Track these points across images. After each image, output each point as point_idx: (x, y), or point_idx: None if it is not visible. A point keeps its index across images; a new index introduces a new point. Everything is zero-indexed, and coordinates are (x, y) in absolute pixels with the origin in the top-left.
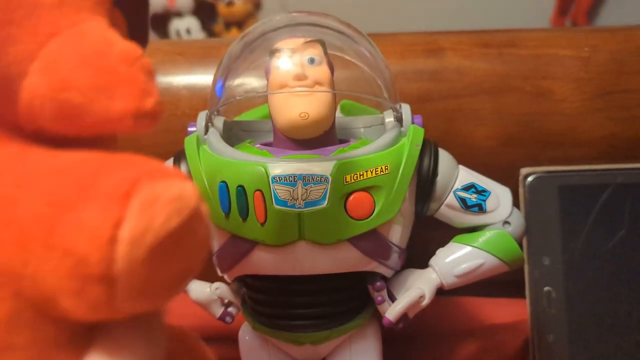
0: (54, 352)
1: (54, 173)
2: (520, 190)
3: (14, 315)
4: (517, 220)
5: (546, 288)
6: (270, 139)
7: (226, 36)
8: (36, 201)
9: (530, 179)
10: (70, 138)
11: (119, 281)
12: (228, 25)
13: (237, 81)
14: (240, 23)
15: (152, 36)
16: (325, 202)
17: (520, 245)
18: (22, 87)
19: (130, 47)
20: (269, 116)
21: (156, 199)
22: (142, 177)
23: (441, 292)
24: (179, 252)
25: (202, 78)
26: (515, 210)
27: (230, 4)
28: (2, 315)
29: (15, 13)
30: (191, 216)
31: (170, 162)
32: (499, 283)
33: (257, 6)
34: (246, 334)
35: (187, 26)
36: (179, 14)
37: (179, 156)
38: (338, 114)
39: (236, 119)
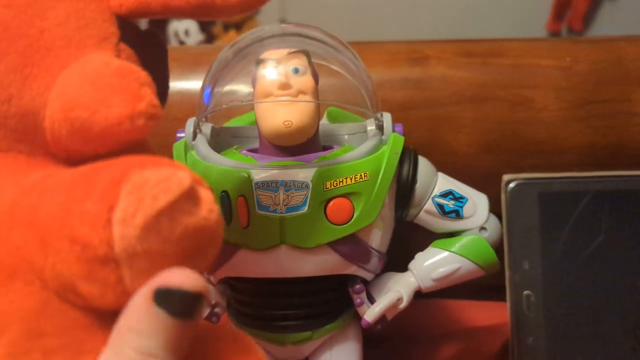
0: (85, 336)
1: (69, 179)
2: (502, 197)
3: (43, 306)
4: (494, 226)
5: (526, 292)
6: (257, 144)
7: (224, 38)
8: (53, 203)
9: (511, 185)
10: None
11: (122, 261)
12: (226, 27)
13: (226, 88)
14: (238, 25)
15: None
16: (306, 208)
17: (497, 250)
18: (46, 116)
19: (124, 64)
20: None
21: (145, 182)
22: (133, 167)
23: (422, 294)
24: (177, 231)
25: (194, 84)
26: (492, 216)
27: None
28: (33, 306)
29: (34, 56)
30: (182, 196)
31: None
32: (480, 286)
33: None
34: None
35: (185, 28)
36: None
37: None
38: (324, 120)
39: (225, 125)
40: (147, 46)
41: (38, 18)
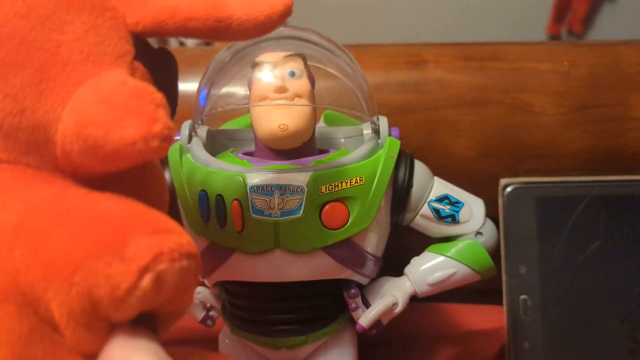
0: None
1: (88, 218)
2: (499, 201)
3: (33, 331)
4: (490, 231)
5: (522, 296)
6: (253, 147)
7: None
8: (67, 239)
9: (508, 189)
10: (103, 178)
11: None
12: None
13: (223, 90)
14: None
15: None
16: (301, 212)
17: (493, 255)
18: (58, 130)
19: (140, 84)
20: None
21: (163, 276)
22: (163, 253)
23: (418, 299)
24: (171, 289)
25: (191, 86)
26: (488, 221)
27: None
28: (23, 331)
29: (51, 71)
30: (191, 267)
31: None
32: (477, 290)
33: None
34: (225, 337)
35: None
36: None
37: (162, 165)
38: (321, 123)
39: (221, 127)
40: (159, 64)
41: (56, 32)
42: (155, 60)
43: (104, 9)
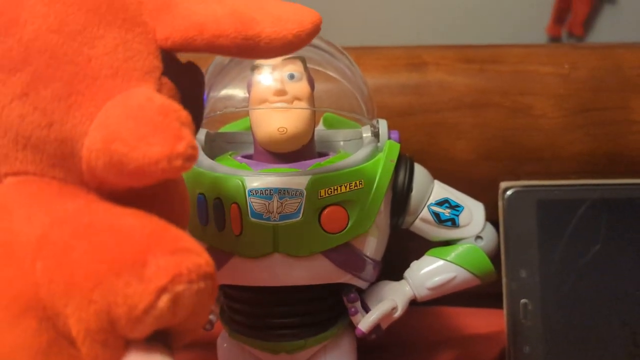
0: None
1: (110, 233)
2: (500, 204)
3: (52, 344)
4: (490, 235)
5: (523, 300)
6: (252, 150)
7: None
8: (89, 254)
9: (509, 192)
10: (127, 193)
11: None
12: None
13: (222, 93)
14: None
15: None
16: (300, 216)
17: (493, 259)
18: (84, 145)
19: (167, 102)
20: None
21: (180, 297)
22: (182, 274)
23: (418, 302)
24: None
25: None
26: (488, 225)
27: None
28: (41, 345)
29: (80, 85)
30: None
31: None
32: (477, 294)
33: None
34: (224, 341)
35: None
36: None
37: None
38: (320, 126)
39: (220, 130)
40: (187, 79)
41: (86, 46)
42: (183, 75)
43: (135, 24)
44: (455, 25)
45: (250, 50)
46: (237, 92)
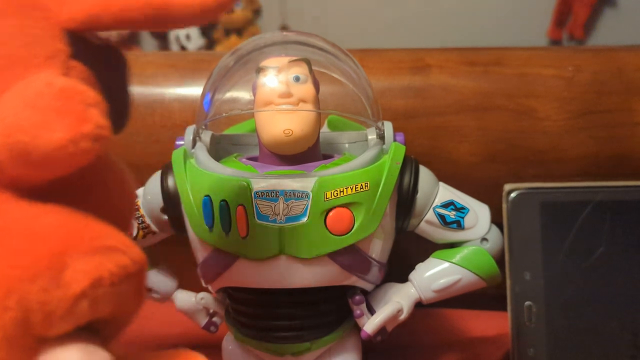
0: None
1: (24, 236)
2: (504, 206)
3: None
4: (495, 237)
5: (527, 303)
6: (257, 152)
7: (225, 42)
8: (1, 260)
9: (513, 195)
10: (51, 187)
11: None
12: (227, 32)
13: (227, 95)
14: (239, 30)
15: (152, 43)
16: (306, 218)
17: (499, 261)
18: None
19: (69, 85)
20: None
21: (101, 299)
22: (102, 278)
23: (422, 304)
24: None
25: (194, 90)
26: (494, 227)
27: (229, 11)
28: None
29: None
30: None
31: (158, 175)
32: (481, 296)
33: (257, 13)
34: (229, 344)
35: (186, 32)
36: None
37: (167, 170)
38: (325, 128)
39: (225, 132)
40: (106, 62)
41: None
42: (99, 58)
43: (33, 8)
44: (457, 28)
45: (161, 20)
46: (242, 94)
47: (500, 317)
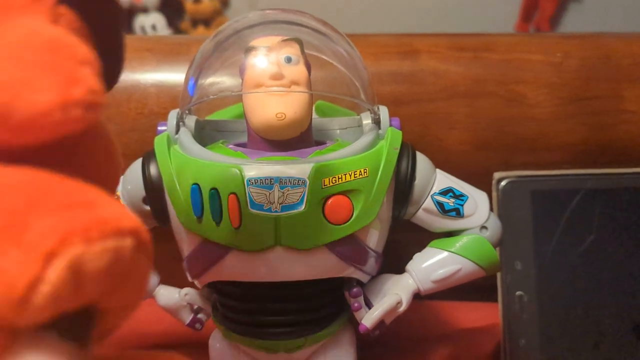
0: None
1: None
2: (494, 195)
3: None
4: (495, 225)
5: (518, 292)
6: (244, 139)
7: (193, 33)
8: None
9: (503, 183)
10: (34, 154)
11: (22, 328)
12: (195, 22)
13: (210, 80)
14: (207, 21)
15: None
16: (303, 206)
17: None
18: None
19: (59, 35)
20: (242, 116)
21: (82, 263)
22: (74, 232)
23: (421, 296)
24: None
25: (171, 75)
26: (493, 215)
27: (197, 1)
28: None
29: None
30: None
31: (139, 163)
32: (472, 287)
33: (225, 4)
34: (217, 341)
35: (152, 22)
36: (144, 10)
37: (149, 157)
38: (313, 115)
39: (208, 118)
40: (98, 11)
41: None
42: (93, 6)
43: None
44: (446, 12)
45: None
46: (225, 78)
47: (492, 308)
